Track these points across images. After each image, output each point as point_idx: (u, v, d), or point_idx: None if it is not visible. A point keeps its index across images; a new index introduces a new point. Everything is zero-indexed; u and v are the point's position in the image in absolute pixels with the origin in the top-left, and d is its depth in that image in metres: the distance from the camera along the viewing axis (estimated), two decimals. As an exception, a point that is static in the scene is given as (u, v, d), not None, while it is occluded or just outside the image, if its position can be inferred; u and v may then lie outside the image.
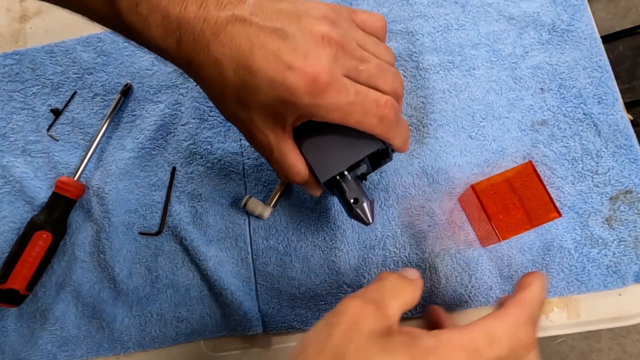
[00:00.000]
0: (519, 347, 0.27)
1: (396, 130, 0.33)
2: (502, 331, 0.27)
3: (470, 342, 0.26)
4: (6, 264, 0.45)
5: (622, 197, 0.41)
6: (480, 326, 0.27)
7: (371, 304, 0.28)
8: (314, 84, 0.29)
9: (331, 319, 0.28)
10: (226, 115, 0.33)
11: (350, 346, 0.25)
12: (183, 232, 0.45)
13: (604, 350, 1.07)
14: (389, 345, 0.26)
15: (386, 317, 0.28)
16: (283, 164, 0.34)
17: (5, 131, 0.51)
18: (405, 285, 0.31)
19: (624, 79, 0.93)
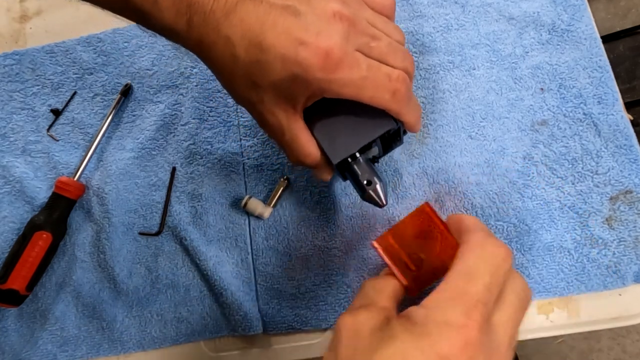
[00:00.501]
0: (497, 263, 0.28)
1: (408, 107, 0.33)
2: (473, 260, 0.28)
3: (454, 290, 0.27)
4: (6, 264, 0.45)
5: (622, 197, 0.41)
6: (454, 271, 0.28)
7: (361, 309, 0.29)
8: (327, 58, 0.28)
9: (333, 342, 0.28)
10: (236, 98, 0.33)
11: (356, 354, 0.26)
12: (183, 232, 0.45)
13: (604, 350, 1.07)
14: (389, 333, 0.26)
15: (381, 311, 0.28)
16: (294, 146, 0.33)
17: (5, 131, 0.51)
18: (382, 279, 0.32)
19: (624, 79, 0.93)
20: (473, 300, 0.26)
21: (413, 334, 0.25)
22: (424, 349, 0.24)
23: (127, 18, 0.33)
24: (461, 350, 0.24)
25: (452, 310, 0.25)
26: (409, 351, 0.25)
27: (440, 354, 0.24)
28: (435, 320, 0.25)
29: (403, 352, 0.25)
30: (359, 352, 0.26)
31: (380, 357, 0.25)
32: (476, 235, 0.30)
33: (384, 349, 0.25)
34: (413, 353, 0.24)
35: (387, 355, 0.25)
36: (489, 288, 0.27)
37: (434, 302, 0.27)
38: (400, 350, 0.25)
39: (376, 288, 0.32)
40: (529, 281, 0.41)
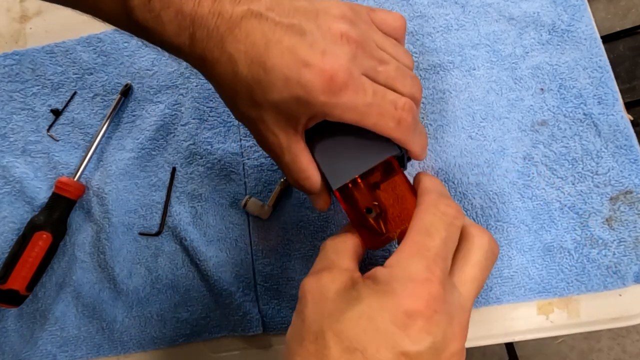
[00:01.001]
0: (451, 220, 0.29)
1: (414, 136, 0.32)
2: (429, 217, 0.29)
3: (414, 246, 0.27)
4: (6, 264, 0.45)
5: (622, 197, 0.41)
6: (412, 230, 0.29)
7: (324, 271, 0.29)
8: (331, 82, 0.28)
9: (298, 307, 0.29)
10: (237, 115, 0.32)
11: (323, 317, 0.26)
12: (183, 232, 0.45)
13: (604, 350, 1.07)
14: (354, 295, 0.27)
15: (344, 272, 0.29)
16: (294, 167, 0.32)
17: (5, 131, 0.51)
18: (342, 238, 0.32)
19: (624, 79, 0.93)
20: (432, 255, 0.27)
21: (378, 293, 0.26)
22: (390, 307, 0.25)
23: (130, 32, 0.32)
24: (426, 305, 0.25)
25: (414, 266, 0.26)
26: (375, 311, 0.25)
27: (405, 310, 0.25)
28: (398, 277, 0.26)
29: (369, 312, 0.25)
30: (326, 315, 0.26)
31: (347, 319, 0.25)
32: (430, 195, 0.31)
33: (350, 310, 0.26)
34: (379, 312, 0.25)
35: (354, 316, 0.25)
36: (445, 242, 0.28)
37: (395, 260, 0.27)
38: (366, 311, 0.25)
39: (337, 248, 0.31)
40: (529, 281, 0.41)
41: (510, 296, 0.41)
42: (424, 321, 0.25)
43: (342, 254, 0.31)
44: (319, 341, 0.26)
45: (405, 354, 0.24)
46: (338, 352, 0.25)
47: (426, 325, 0.25)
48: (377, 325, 0.25)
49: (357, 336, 0.25)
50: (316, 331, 0.26)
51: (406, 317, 0.25)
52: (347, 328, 0.25)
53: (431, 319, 0.25)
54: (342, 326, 0.25)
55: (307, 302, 0.28)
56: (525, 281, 0.41)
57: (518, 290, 0.41)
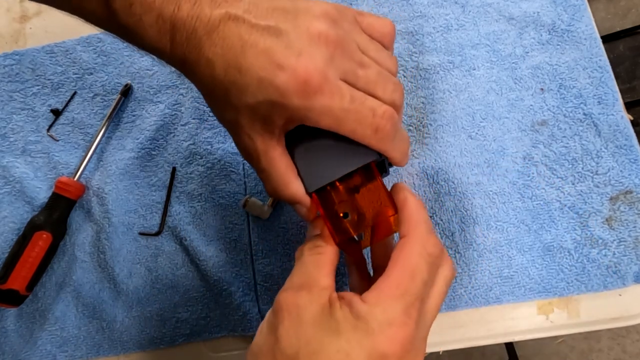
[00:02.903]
0: (434, 260, 0.29)
1: (393, 143, 0.31)
2: (414, 258, 0.29)
3: (395, 288, 0.28)
4: (6, 264, 0.45)
5: (622, 197, 0.41)
6: (396, 268, 0.28)
7: (302, 290, 0.29)
8: (305, 84, 0.27)
9: (273, 321, 0.28)
10: (217, 116, 0.32)
11: (300, 342, 0.26)
12: (183, 232, 0.45)
13: (604, 350, 1.07)
14: (333, 326, 0.27)
15: (321, 292, 0.29)
16: (271, 174, 0.31)
17: (5, 131, 0.51)
18: (320, 249, 0.31)
19: (624, 79, 0.93)
20: (412, 298, 0.27)
21: (357, 331, 0.26)
22: (367, 346, 0.26)
23: (114, 33, 0.32)
24: (401, 348, 0.26)
25: (394, 309, 0.27)
26: (353, 348, 0.26)
27: (382, 352, 0.26)
28: (377, 318, 0.27)
29: (347, 348, 0.26)
30: (303, 342, 0.27)
31: (325, 352, 0.26)
32: (419, 229, 0.30)
33: (328, 343, 0.26)
34: (357, 350, 0.26)
35: (332, 350, 0.26)
36: (426, 283, 0.28)
37: (375, 298, 0.27)
38: (344, 347, 0.26)
39: (317, 262, 0.31)
40: (529, 281, 0.41)
41: (510, 296, 0.41)
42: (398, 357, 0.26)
43: (321, 269, 0.31)
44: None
45: None
46: None
47: None
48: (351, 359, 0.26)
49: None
50: (291, 355, 0.26)
51: (381, 358, 0.26)
52: (323, 356, 0.26)
53: (403, 359, 0.26)
54: (319, 358, 0.26)
55: (284, 320, 0.28)
56: (525, 281, 0.41)
57: (518, 290, 0.41)
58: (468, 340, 0.41)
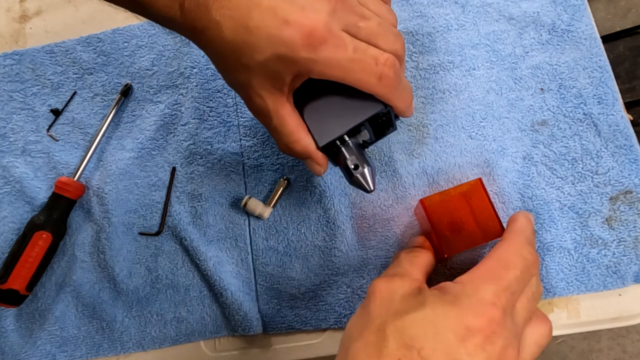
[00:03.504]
0: (529, 265, 0.30)
1: (397, 92, 0.32)
2: (511, 255, 0.30)
3: (489, 272, 0.29)
4: (6, 264, 0.45)
5: (622, 197, 0.41)
6: (491, 258, 0.30)
7: (396, 277, 0.31)
8: (311, 37, 0.28)
9: (365, 303, 0.30)
10: (227, 81, 0.33)
11: (387, 314, 0.28)
12: (183, 232, 0.45)
13: (604, 350, 1.07)
14: (421, 300, 0.28)
15: (414, 281, 0.31)
16: (282, 130, 0.33)
17: (5, 131, 0.51)
18: (417, 252, 0.34)
19: (624, 79, 0.93)
20: (504, 285, 0.28)
21: (444, 302, 0.28)
22: (453, 317, 0.27)
23: (123, 7, 0.33)
24: (486, 325, 0.26)
25: (485, 288, 0.28)
26: (438, 317, 0.27)
27: (467, 324, 0.26)
28: (467, 294, 0.28)
29: (433, 317, 0.27)
30: (391, 312, 0.28)
31: (410, 319, 0.27)
32: (518, 236, 0.32)
33: (414, 312, 0.27)
34: (442, 319, 0.27)
35: (417, 317, 0.27)
36: (518, 280, 0.29)
37: (469, 279, 0.29)
38: (430, 315, 0.27)
39: (411, 261, 0.34)
40: (529, 281, 0.41)
41: (510, 296, 0.41)
42: (482, 338, 0.26)
43: (415, 266, 0.33)
44: (379, 333, 0.27)
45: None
46: (395, 346, 0.26)
47: (483, 342, 0.26)
48: (438, 330, 0.26)
49: (417, 335, 0.26)
50: (378, 325, 0.28)
51: (466, 331, 0.26)
52: (408, 326, 0.27)
53: (489, 338, 0.26)
54: (404, 324, 0.27)
55: (375, 299, 0.30)
56: (525, 281, 0.41)
57: (518, 290, 0.41)
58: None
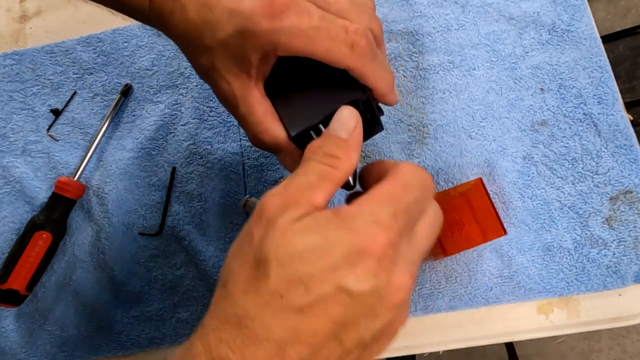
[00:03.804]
0: (427, 185, 0.28)
1: (374, 66, 0.29)
2: (408, 178, 0.27)
3: (387, 195, 0.26)
4: (6, 264, 0.45)
5: (622, 197, 0.41)
6: (389, 181, 0.27)
7: (291, 200, 0.25)
8: (271, 5, 0.27)
9: (251, 223, 0.26)
10: (196, 70, 0.32)
11: (272, 244, 0.24)
12: (183, 232, 0.45)
13: (604, 350, 1.07)
14: (313, 226, 0.24)
15: (309, 207, 0.25)
16: (250, 119, 0.30)
17: (5, 131, 0.51)
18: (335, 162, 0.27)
19: (624, 79, 0.93)
20: (402, 207, 0.26)
21: (337, 228, 0.24)
22: (346, 242, 0.24)
23: (100, 2, 0.33)
24: (383, 249, 0.24)
25: (383, 211, 0.25)
26: (330, 245, 0.24)
27: (359, 248, 0.24)
28: (364, 217, 0.25)
29: (324, 245, 0.24)
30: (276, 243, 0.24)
31: (298, 251, 0.24)
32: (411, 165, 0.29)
33: (303, 241, 0.24)
34: (333, 245, 0.24)
35: (307, 248, 0.24)
36: (417, 202, 0.27)
37: (366, 201, 0.25)
38: (321, 245, 0.24)
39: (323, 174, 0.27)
40: (529, 281, 0.41)
41: (510, 296, 0.41)
42: (374, 263, 0.24)
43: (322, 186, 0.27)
44: (260, 268, 0.24)
45: (348, 292, 0.23)
46: (277, 281, 0.23)
47: (375, 267, 0.24)
48: (327, 259, 0.23)
49: (304, 268, 0.23)
50: (259, 258, 0.24)
51: (357, 255, 0.24)
52: (295, 259, 0.24)
53: (381, 263, 0.24)
54: (290, 257, 0.24)
55: (261, 224, 0.25)
56: (525, 281, 0.41)
57: (518, 290, 0.41)
58: (468, 340, 0.41)
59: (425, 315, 0.42)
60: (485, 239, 0.37)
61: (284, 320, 0.23)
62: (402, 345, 0.42)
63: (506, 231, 0.37)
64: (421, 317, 0.42)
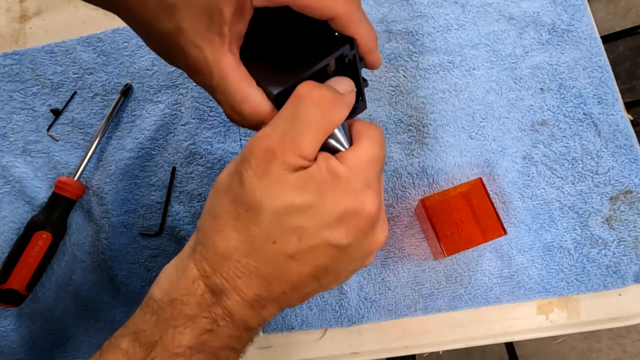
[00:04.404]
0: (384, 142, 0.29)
1: (362, 14, 0.27)
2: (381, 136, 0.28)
3: (371, 154, 0.27)
4: (6, 264, 0.45)
5: (622, 197, 0.41)
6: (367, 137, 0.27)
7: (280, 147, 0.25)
8: None
9: (239, 164, 0.26)
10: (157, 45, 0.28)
11: (263, 195, 0.25)
12: (183, 232, 0.45)
13: (604, 350, 1.07)
14: (306, 180, 0.25)
15: (298, 159, 0.25)
16: (226, 88, 0.26)
17: (5, 131, 0.51)
18: (328, 110, 0.26)
19: (624, 79, 0.93)
20: (380, 167, 0.28)
21: (335, 190, 0.25)
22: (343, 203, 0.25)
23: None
24: (375, 211, 0.26)
25: (371, 173, 0.26)
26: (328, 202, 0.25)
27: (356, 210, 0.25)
28: (358, 181, 0.26)
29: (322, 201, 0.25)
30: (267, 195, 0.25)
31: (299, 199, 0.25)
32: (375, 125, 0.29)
33: (304, 192, 0.25)
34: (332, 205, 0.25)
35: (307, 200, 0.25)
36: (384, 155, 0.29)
37: (356, 165, 0.26)
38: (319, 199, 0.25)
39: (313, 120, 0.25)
40: (529, 281, 0.41)
41: (510, 296, 0.41)
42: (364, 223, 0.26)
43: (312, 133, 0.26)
44: (252, 212, 0.25)
45: (337, 246, 0.26)
46: (271, 230, 0.25)
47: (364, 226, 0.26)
48: (322, 217, 0.25)
49: (299, 221, 0.25)
50: (252, 203, 0.25)
51: (350, 216, 0.25)
52: (291, 212, 0.25)
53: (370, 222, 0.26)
54: (287, 209, 0.25)
55: (251, 167, 0.25)
56: (525, 281, 0.41)
57: (518, 290, 0.41)
58: (468, 340, 0.41)
59: (425, 315, 0.42)
60: (485, 239, 0.37)
61: (274, 263, 0.25)
62: (402, 345, 0.42)
63: (506, 231, 0.37)
64: (421, 317, 0.42)
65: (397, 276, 0.42)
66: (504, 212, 0.42)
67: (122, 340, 0.26)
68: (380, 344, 0.42)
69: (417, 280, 0.42)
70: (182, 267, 0.27)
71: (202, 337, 0.25)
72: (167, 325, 0.25)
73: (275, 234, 0.25)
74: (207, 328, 0.26)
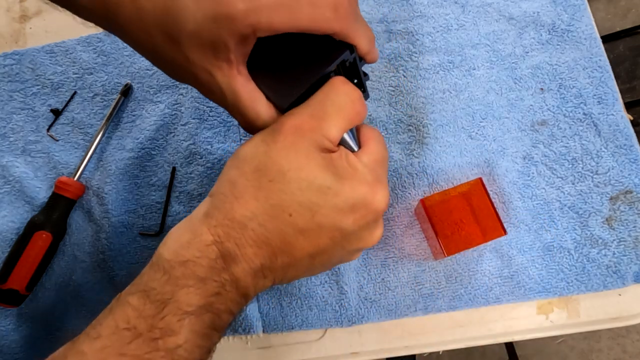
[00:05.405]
0: None
1: (357, 25, 0.28)
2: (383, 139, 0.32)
3: (380, 154, 0.30)
4: (6, 264, 0.45)
5: (622, 197, 0.41)
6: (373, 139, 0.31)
7: (311, 123, 0.28)
8: None
9: (266, 136, 0.28)
10: (164, 68, 0.29)
11: (290, 166, 0.27)
12: (183, 232, 0.45)
13: (604, 350, 1.07)
14: (332, 169, 0.27)
15: (325, 140, 0.28)
16: (240, 107, 0.28)
17: (5, 131, 0.51)
18: (357, 103, 0.29)
19: (624, 79, 0.93)
20: (387, 165, 0.31)
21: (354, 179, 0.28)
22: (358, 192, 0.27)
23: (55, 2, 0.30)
24: (384, 205, 0.29)
25: (382, 171, 0.30)
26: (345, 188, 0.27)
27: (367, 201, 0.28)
28: (372, 175, 0.28)
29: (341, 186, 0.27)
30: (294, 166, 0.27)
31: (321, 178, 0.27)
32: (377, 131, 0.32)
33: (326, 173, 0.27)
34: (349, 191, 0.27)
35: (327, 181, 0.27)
36: None
37: (369, 158, 0.29)
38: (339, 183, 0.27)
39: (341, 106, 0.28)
40: (529, 281, 0.41)
41: (510, 296, 0.41)
42: (372, 215, 0.28)
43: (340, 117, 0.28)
44: (276, 182, 0.27)
45: (342, 230, 0.28)
46: (290, 202, 0.27)
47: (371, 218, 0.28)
48: (338, 200, 0.27)
49: (317, 199, 0.27)
50: (277, 173, 0.27)
51: (361, 205, 0.28)
52: (312, 189, 0.27)
53: (377, 215, 0.28)
54: (309, 185, 0.27)
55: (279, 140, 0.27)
56: (525, 281, 0.41)
57: (518, 290, 0.41)
58: (468, 340, 0.41)
59: (425, 315, 0.42)
60: (485, 239, 0.37)
61: (285, 235, 0.27)
62: (402, 345, 0.42)
63: (506, 231, 0.37)
64: (421, 317, 0.42)
65: (397, 276, 0.42)
66: (504, 212, 0.42)
67: (132, 298, 0.26)
68: (380, 344, 0.42)
69: (417, 280, 0.42)
70: (194, 231, 0.27)
71: (210, 299, 0.26)
72: (179, 284, 0.26)
73: (292, 207, 0.26)
74: (215, 291, 0.27)
